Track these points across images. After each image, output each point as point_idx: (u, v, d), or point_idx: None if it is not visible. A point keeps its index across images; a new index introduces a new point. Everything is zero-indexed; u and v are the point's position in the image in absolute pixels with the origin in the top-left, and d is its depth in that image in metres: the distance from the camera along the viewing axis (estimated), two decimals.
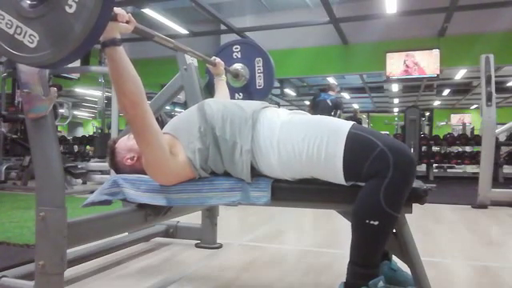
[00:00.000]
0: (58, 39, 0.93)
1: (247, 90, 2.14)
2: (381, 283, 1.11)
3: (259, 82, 2.13)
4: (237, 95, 2.16)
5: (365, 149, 1.13)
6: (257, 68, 2.13)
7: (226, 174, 1.35)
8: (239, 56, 2.16)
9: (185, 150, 1.31)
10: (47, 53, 0.94)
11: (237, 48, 2.16)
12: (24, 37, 0.96)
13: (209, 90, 2.08)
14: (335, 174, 1.17)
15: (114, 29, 1.12)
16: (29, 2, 0.96)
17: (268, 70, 2.13)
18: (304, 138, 1.19)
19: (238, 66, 2.14)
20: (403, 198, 1.13)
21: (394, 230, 1.19)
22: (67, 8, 0.91)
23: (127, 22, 1.19)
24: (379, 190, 1.09)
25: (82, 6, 0.90)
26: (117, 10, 1.13)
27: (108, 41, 1.12)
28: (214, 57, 1.96)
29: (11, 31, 0.97)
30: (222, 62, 1.95)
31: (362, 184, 1.15)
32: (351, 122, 1.21)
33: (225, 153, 1.30)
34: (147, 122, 1.22)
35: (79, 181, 4.94)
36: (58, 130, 13.57)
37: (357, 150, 1.14)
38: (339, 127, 1.19)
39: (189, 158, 1.30)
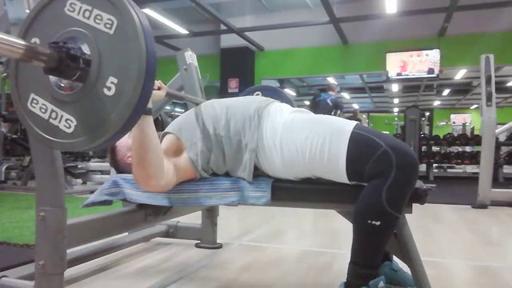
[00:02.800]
0: (94, 126, 0.89)
1: None
2: (381, 283, 1.11)
3: None
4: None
5: (368, 149, 1.13)
6: None
7: (227, 174, 1.35)
8: None
9: (187, 151, 1.31)
10: (82, 140, 0.90)
11: (258, 94, 2.15)
12: (60, 121, 0.92)
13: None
14: (338, 173, 1.17)
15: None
16: (64, 84, 0.92)
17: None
18: (307, 138, 1.19)
19: None
20: (405, 199, 1.13)
21: (394, 230, 1.19)
22: (106, 91, 0.87)
23: (158, 89, 1.18)
24: (381, 190, 1.09)
25: (120, 90, 0.86)
26: None
27: None
28: None
29: (46, 116, 0.94)
30: None
31: (365, 184, 1.15)
32: (354, 122, 1.21)
33: (228, 152, 1.30)
34: (163, 186, 1.23)
35: (79, 181, 4.94)
36: None
37: (360, 150, 1.14)
38: (342, 127, 1.19)
39: (191, 158, 1.30)
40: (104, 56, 0.88)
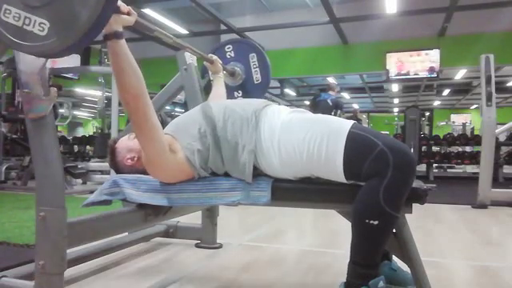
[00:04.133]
0: (66, 26, 0.92)
1: (245, 87, 2.15)
2: (381, 283, 1.11)
3: (256, 76, 2.14)
4: (236, 93, 2.16)
5: (365, 148, 1.13)
6: (252, 64, 2.14)
7: (227, 175, 1.35)
8: (233, 55, 2.16)
9: (184, 151, 1.31)
10: (54, 40, 0.94)
11: (229, 48, 2.17)
12: (34, 26, 0.95)
13: (206, 91, 2.08)
14: (335, 173, 1.17)
15: (116, 21, 1.12)
16: None
17: (263, 63, 2.13)
18: (304, 138, 1.19)
19: (233, 64, 2.14)
20: (403, 198, 1.13)
21: (394, 230, 1.19)
22: None
23: (128, 14, 1.18)
24: (379, 189, 1.09)
25: None
26: (118, 2, 1.13)
27: (110, 34, 1.12)
28: (210, 54, 1.95)
29: (19, 23, 0.96)
30: (220, 60, 1.94)
31: (362, 183, 1.15)
32: (352, 122, 1.21)
33: (226, 153, 1.30)
34: (148, 116, 1.22)
35: (79, 181, 4.94)
36: (58, 130, 13.56)
37: (357, 149, 1.14)
38: (340, 126, 1.19)
39: (187, 157, 1.30)
40: None
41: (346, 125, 1.19)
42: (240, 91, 2.16)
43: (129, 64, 1.16)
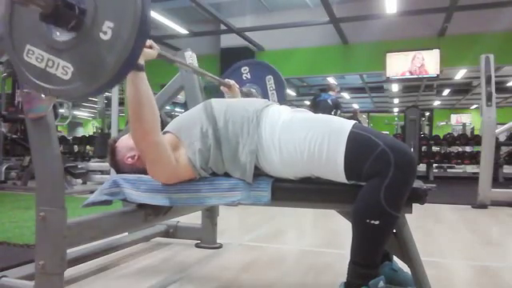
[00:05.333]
0: (91, 71, 0.90)
1: None
2: (381, 283, 1.11)
3: (273, 99, 2.16)
4: None
5: (366, 148, 1.13)
6: (268, 86, 2.15)
7: (227, 175, 1.35)
8: (249, 77, 2.18)
9: (186, 150, 1.31)
10: (79, 85, 0.91)
11: (245, 69, 2.17)
12: (57, 69, 0.93)
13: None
14: (336, 173, 1.17)
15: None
16: (59, 33, 0.93)
17: (279, 86, 2.15)
18: (305, 137, 1.19)
19: (249, 86, 2.15)
20: (404, 198, 1.13)
21: (394, 230, 1.19)
22: (102, 35, 0.88)
23: (150, 48, 1.18)
24: (380, 189, 1.09)
25: (116, 34, 0.87)
26: None
27: None
28: (227, 79, 1.96)
29: (42, 65, 0.95)
30: (237, 84, 1.96)
31: (363, 183, 1.15)
32: (353, 122, 1.21)
33: (227, 153, 1.30)
34: (159, 149, 1.24)
35: (79, 181, 4.94)
36: (58, 129, 13.56)
37: (358, 149, 1.14)
38: (341, 126, 1.19)
39: (189, 158, 1.30)
40: (100, 1, 0.90)
41: (347, 125, 1.19)
42: None
43: (147, 98, 1.16)
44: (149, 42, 1.17)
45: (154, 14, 7.08)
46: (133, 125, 1.21)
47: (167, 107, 8.14)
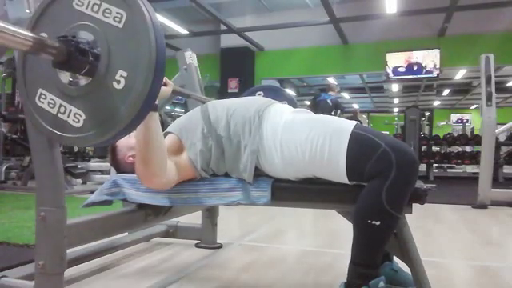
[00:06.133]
0: (104, 120, 0.88)
1: None
2: (381, 283, 1.11)
3: None
4: None
5: (368, 149, 1.13)
6: None
7: (227, 175, 1.35)
8: None
9: (187, 151, 1.31)
10: (91, 134, 0.90)
11: (260, 94, 2.15)
12: (69, 116, 0.92)
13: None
14: (338, 173, 1.17)
15: None
16: (72, 79, 0.92)
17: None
18: (307, 138, 1.19)
19: None
20: (405, 199, 1.13)
21: (394, 230, 1.19)
22: (115, 84, 0.87)
23: (165, 85, 1.16)
24: (381, 190, 1.09)
25: (130, 84, 0.85)
26: None
27: None
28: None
29: (54, 111, 0.93)
30: None
31: (365, 184, 1.15)
32: (354, 122, 1.21)
33: (228, 153, 1.30)
34: (165, 184, 1.24)
35: (79, 181, 4.93)
36: None
37: (360, 150, 1.14)
38: (342, 127, 1.19)
39: (190, 158, 1.30)
40: (113, 49, 0.88)
41: (348, 125, 1.19)
42: None
43: (156, 140, 1.13)
44: (164, 79, 1.15)
45: None
46: (139, 165, 1.17)
47: (167, 107, 8.15)
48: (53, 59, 0.86)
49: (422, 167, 7.20)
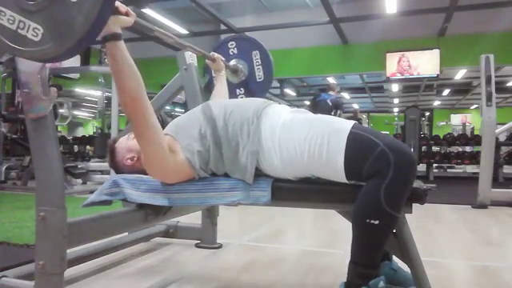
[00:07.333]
0: (61, 32, 0.92)
1: (248, 85, 2.14)
2: (381, 283, 1.11)
3: (259, 74, 2.12)
4: (238, 91, 2.15)
5: (366, 148, 1.13)
6: (255, 61, 2.13)
7: (226, 175, 1.35)
8: (236, 52, 2.15)
9: (183, 151, 1.31)
10: (50, 46, 0.93)
11: (232, 44, 2.16)
12: (28, 31, 0.95)
13: (209, 89, 2.07)
14: (336, 173, 1.17)
15: (114, 22, 1.11)
16: None
17: (266, 61, 2.12)
18: (306, 138, 1.19)
19: (235, 61, 2.14)
20: (403, 198, 1.13)
21: (394, 230, 1.19)
22: None
23: (127, 15, 1.17)
24: (380, 189, 1.09)
25: None
26: (116, 2, 1.12)
27: (109, 35, 1.11)
28: (212, 52, 1.94)
29: (14, 27, 0.96)
30: (222, 57, 1.94)
31: (363, 183, 1.15)
32: (352, 122, 1.21)
33: (226, 154, 1.30)
34: (147, 118, 1.21)
35: (79, 181, 4.94)
36: (58, 129, 13.55)
37: (358, 149, 1.14)
38: (340, 127, 1.19)
39: (187, 158, 1.30)
40: None
41: (346, 125, 1.19)
42: (242, 89, 2.16)
43: (128, 66, 1.15)
44: (124, 8, 1.15)
45: (154, 14, 7.09)
46: (120, 97, 1.19)
47: (167, 107, 8.15)
48: None
49: (422, 167, 7.20)
